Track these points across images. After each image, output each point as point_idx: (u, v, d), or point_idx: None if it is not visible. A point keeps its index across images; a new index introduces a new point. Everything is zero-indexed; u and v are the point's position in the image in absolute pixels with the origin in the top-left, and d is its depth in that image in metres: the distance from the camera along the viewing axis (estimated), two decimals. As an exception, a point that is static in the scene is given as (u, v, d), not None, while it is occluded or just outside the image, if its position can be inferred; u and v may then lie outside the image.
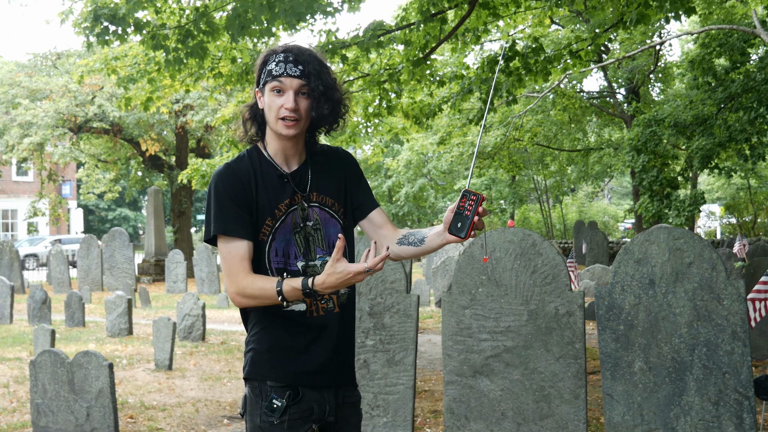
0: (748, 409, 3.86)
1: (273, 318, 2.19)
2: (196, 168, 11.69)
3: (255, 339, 2.22)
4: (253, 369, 2.20)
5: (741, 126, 11.87)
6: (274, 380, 2.17)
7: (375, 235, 2.34)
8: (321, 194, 2.26)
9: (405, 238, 2.28)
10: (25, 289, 16.05)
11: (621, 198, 48.29)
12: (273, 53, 2.17)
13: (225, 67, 8.56)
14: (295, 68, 2.12)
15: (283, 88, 2.13)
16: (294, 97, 2.13)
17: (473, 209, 1.95)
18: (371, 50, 7.55)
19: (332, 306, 2.22)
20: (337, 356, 2.23)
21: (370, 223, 2.33)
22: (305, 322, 2.19)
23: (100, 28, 6.77)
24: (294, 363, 2.18)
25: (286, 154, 2.24)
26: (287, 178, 2.22)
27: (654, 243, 4.07)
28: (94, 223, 48.39)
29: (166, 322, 7.42)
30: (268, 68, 2.15)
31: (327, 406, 2.22)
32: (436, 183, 33.06)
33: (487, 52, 17.85)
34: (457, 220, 1.98)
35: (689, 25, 22.11)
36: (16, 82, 20.19)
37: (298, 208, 2.22)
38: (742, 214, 23.57)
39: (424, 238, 2.23)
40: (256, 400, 2.18)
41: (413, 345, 4.54)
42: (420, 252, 2.26)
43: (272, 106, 2.15)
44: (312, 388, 2.19)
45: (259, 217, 2.17)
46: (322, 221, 2.24)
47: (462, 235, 1.96)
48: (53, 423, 4.68)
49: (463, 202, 1.97)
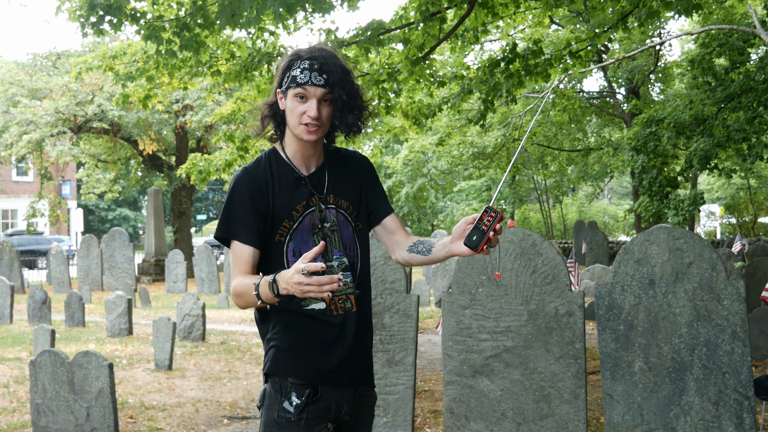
0: (748, 409, 3.86)
1: (294, 316, 2.22)
2: (194, 163, 11.64)
3: (277, 336, 2.24)
4: (275, 365, 2.23)
5: (739, 125, 11.87)
6: (295, 377, 2.20)
7: (388, 241, 2.39)
8: (337, 197, 2.29)
9: (414, 246, 2.32)
10: (25, 289, 16.05)
11: (621, 198, 48.28)
12: (298, 58, 2.18)
13: (224, 64, 8.55)
14: (320, 77, 2.15)
15: (307, 95, 2.16)
16: (317, 105, 2.16)
17: (491, 225, 2.01)
18: (371, 49, 7.55)
19: (350, 306, 2.26)
20: (356, 355, 2.27)
21: (383, 229, 2.38)
22: (326, 321, 2.23)
23: (97, 16, 6.76)
24: (316, 361, 2.22)
25: (304, 156, 2.27)
26: (305, 180, 2.26)
27: (654, 243, 4.07)
28: (94, 223, 48.38)
29: (166, 322, 7.42)
30: (293, 74, 2.17)
31: (345, 404, 2.25)
32: (436, 183, 33.07)
33: (487, 52, 17.86)
34: (474, 233, 2.03)
35: (689, 25, 22.11)
36: (16, 81, 20.20)
37: (315, 210, 2.25)
38: (742, 214, 23.58)
39: (431, 248, 2.27)
40: (275, 396, 2.22)
41: (413, 345, 4.54)
42: (427, 261, 2.31)
43: (295, 111, 2.18)
44: (332, 387, 2.23)
45: (277, 219, 2.21)
46: (338, 223, 2.28)
47: (476, 248, 2.03)
48: (53, 423, 4.68)
49: (483, 216, 2.03)
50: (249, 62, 8.22)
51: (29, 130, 18.69)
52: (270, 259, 2.23)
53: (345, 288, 2.26)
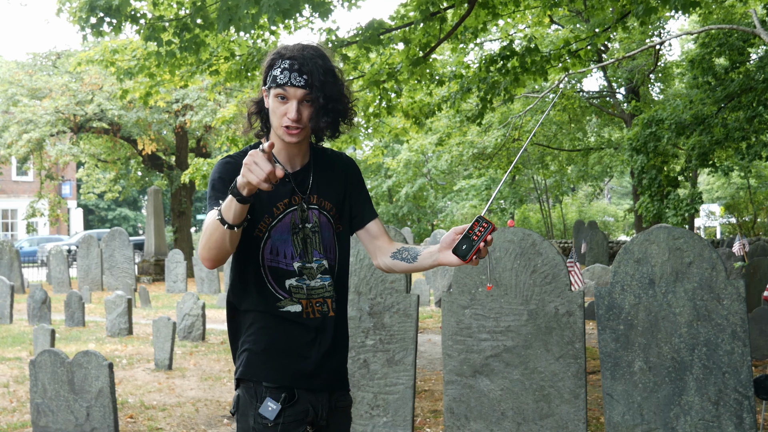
0: (748, 409, 3.86)
1: (269, 318, 2.18)
2: (197, 168, 11.71)
3: (251, 339, 2.20)
4: (247, 369, 2.18)
5: (739, 125, 11.88)
6: (269, 381, 2.16)
7: (370, 246, 2.35)
8: (321, 198, 2.26)
9: (399, 253, 2.28)
10: (25, 289, 16.05)
11: (621, 198, 48.28)
12: (280, 57, 2.14)
13: (223, 64, 8.55)
14: (300, 78, 2.10)
15: (287, 96, 2.12)
16: (297, 107, 2.12)
17: (482, 236, 1.99)
18: (371, 49, 7.55)
19: (327, 309, 2.22)
20: (332, 359, 2.23)
21: (366, 234, 2.35)
22: (302, 324, 2.19)
23: (96, 17, 6.76)
24: (291, 365, 2.17)
25: (288, 155, 2.24)
26: (288, 178, 2.22)
27: (654, 243, 4.07)
28: (94, 223, 48.37)
29: (165, 322, 7.42)
30: (273, 73, 2.13)
31: (321, 409, 2.22)
32: (435, 183, 33.06)
33: (486, 52, 17.85)
34: (464, 242, 2.01)
35: (689, 24, 22.12)
36: (16, 80, 20.20)
37: (297, 209, 2.21)
38: (742, 214, 23.56)
39: (417, 256, 2.23)
40: (250, 401, 2.17)
41: (413, 345, 4.54)
42: (411, 269, 2.26)
43: (276, 111, 2.14)
44: (308, 391, 2.19)
45: (256, 213, 2.16)
46: (320, 224, 2.24)
47: (464, 258, 2.00)
48: (53, 423, 4.68)
49: (474, 226, 2.01)
50: (249, 62, 8.22)
51: (29, 130, 18.69)
52: (246, 254, 2.18)
53: (323, 291, 2.22)
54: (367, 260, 4.59)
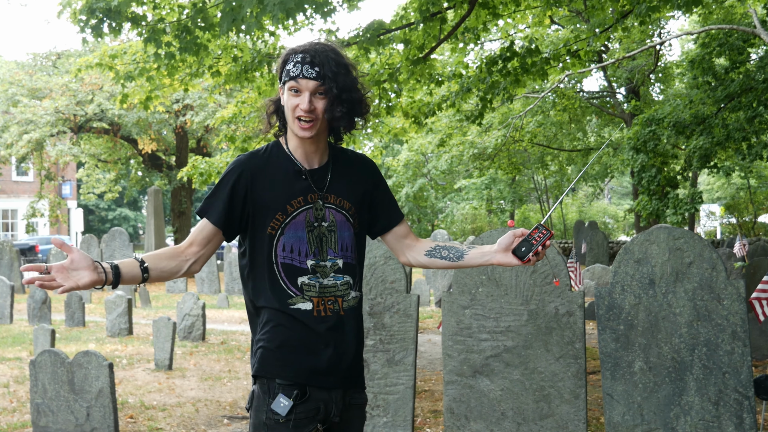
0: (748, 409, 3.86)
1: (283, 316, 2.20)
2: (195, 165, 11.65)
3: (265, 337, 2.22)
4: (262, 366, 2.21)
5: (739, 125, 11.87)
6: (283, 378, 2.18)
7: (397, 245, 2.38)
8: (339, 197, 2.27)
9: (436, 251, 2.31)
10: (25, 289, 16.05)
11: (621, 198, 48.28)
12: (293, 53, 2.18)
13: (224, 66, 8.55)
14: (312, 69, 2.13)
15: (300, 88, 2.15)
16: (309, 98, 2.14)
17: (540, 240, 2.19)
18: (371, 50, 7.55)
19: (338, 308, 2.23)
20: (346, 357, 2.24)
21: (394, 236, 2.38)
22: (315, 322, 2.20)
23: (96, 19, 6.76)
24: (304, 362, 2.19)
25: (305, 151, 2.25)
26: (305, 175, 2.23)
27: (654, 243, 4.07)
28: (94, 223, 48.37)
29: (166, 322, 7.42)
30: (287, 68, 2.17)
31: (334, 406, 2.23)
32: (436, 183, 33.06)
33: (487, 52, 17.85)
34: (523, 245, 2.19)
35: (689, 24, 22.11)
36: (16, 80, 20.21)
37: (313, 207, 2.23)
38: (742, 214, 23.57)
39: (462, 255, 2.28)
40: (263, 397, 2.19)
41: (413, 345, 4.54)
42: (455, 266, 2.32)
43: (290, 105, 2.17)
44: (320, 388, 2.20)
45: (268, 210, 2.19)
46: (337, 223, 2.25)
47: (523, 258, 2.19)
48: (53, 423, 4.68)
49: (534, 232, 2.20)
50: (249, 63, 8.22)
51: (29, 130, 18.70)
52: (260, 252, 2.21)
53: (335, 290, 2.23)
54: (367, 260, 4.60)
